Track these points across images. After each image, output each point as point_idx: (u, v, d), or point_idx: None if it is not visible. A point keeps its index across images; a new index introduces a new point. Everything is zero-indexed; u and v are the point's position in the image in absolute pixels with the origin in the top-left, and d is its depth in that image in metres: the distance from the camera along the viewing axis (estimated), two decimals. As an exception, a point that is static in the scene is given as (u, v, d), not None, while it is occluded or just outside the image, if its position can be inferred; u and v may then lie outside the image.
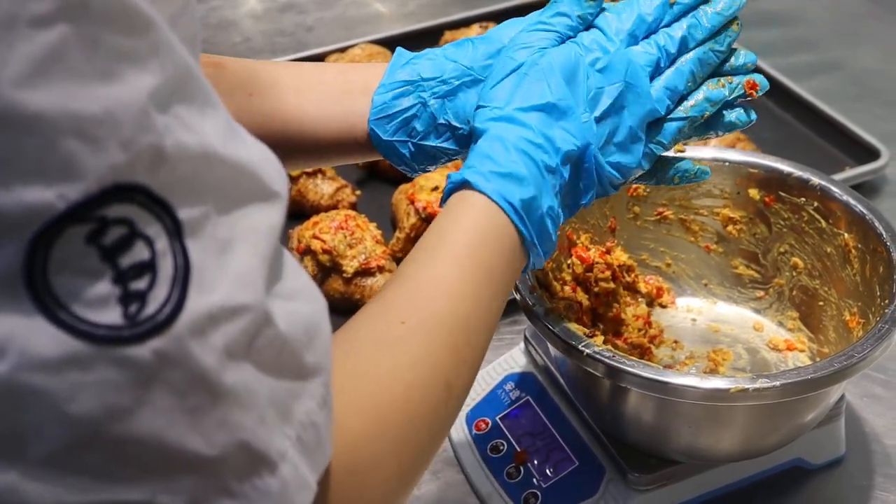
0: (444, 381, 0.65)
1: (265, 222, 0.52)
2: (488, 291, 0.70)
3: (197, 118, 0.49)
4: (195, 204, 0.48)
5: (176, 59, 0.48)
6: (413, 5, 1.83)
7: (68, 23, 0.43)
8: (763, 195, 1.04)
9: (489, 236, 0.71)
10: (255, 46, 1.69)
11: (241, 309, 0.49)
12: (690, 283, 1.10)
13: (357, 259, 1.18)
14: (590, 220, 1.05)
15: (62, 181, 0.44)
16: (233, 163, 0.50)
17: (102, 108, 0.44)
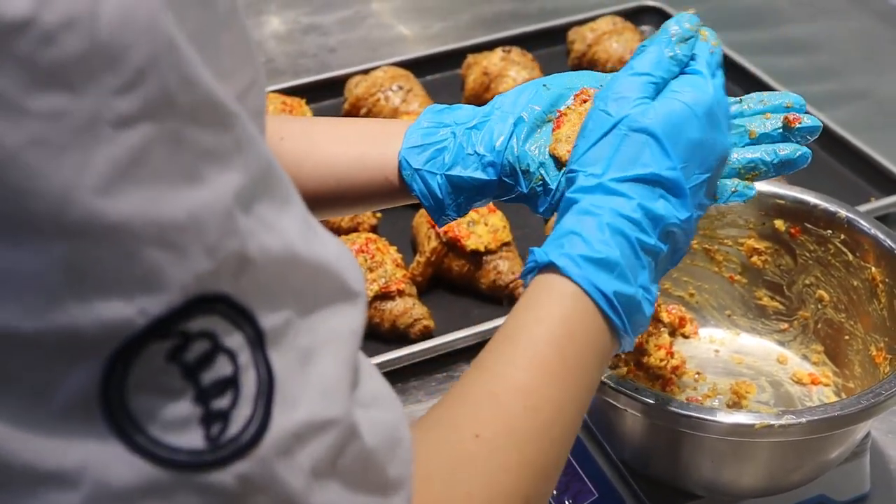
0: (523, 497, 0.60)
1: (347, 326, 0.49)
2: (573, 393, 0.64)
3: (278, 216, 0.46)
4: (277, 310, 0.45)
5: (258, 152, 0.45)
6: (436, 28, 1.82)
7: (152, 122, 0.40)
8: (789, 226, 1.03)
9: (578, 331, 0.64)
10: (279, 67, 1.69)
11: (327, 424, 0.46)
12: (714, 313, 1.09)
13: (377, 283, 1.17)
14: (613, 248, 1.04)
15: (143, 294, 0.41)
16: (314, 263, 0.48)
17: (187, 212, 0.41)
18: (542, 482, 0.61)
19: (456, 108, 0.83)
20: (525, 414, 0.60)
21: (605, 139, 0.68)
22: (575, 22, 1.70)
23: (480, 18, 1.85)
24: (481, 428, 0.59)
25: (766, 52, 1.72)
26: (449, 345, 1.15)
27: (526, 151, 0.78)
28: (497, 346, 0.64)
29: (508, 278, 1.22)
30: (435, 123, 0.81)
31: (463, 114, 0.82)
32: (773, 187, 1.04)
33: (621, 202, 0.66)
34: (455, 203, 0.81)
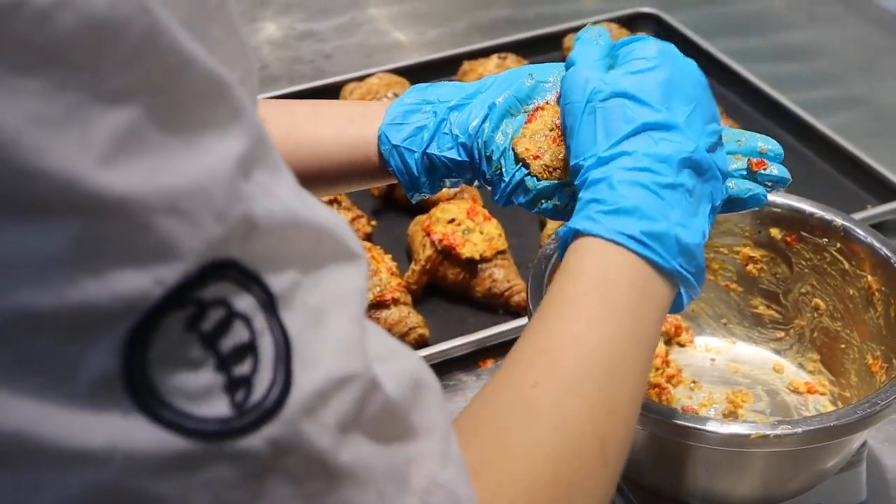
0: (596, 440, 0.59)
1: (352, 284, 0.49)
2: (629, 334, 0.64)
3: (274, 182, 0.46)
4: (284, 272, 0.45)
5: (253, 122, 0.46)
6: (432, 34, 1.82)
7: (149, 94, 0.41)
8: (785, 235, 1.03)
9: (616, 276, 0.64)
10: (274, 73, 1.69)
11: (348, 379, 0.47)
12: (709, 322, 1.08)
13: (372, 291, 1.16)
14: (608, 256, 1.04)
15: (158, 264, 0.41)
16: (315, 225, 0.48)
17: (192, 180, 0.41)
18: (616, 424, 0.61)
19: (440, 86, 0.84)
20: (579, 361, 0.61)
21: (583, 125, 0.71)
22: (571, 28, 1.70)
23: (476, 25, 1.84)
24: (538, 376, 0.59)
25: (763, 58, 1.71)
26: (444, 353, 1.14)
27: (493, 138, 0.79)
28: (541, 313, 0.65)
29: (504, 286, 1.21)
30: (418, 101, 0.82)
31: (446, 91, 0.82)
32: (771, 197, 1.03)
33: (625, 160, 0.68)
34: (430, 181, 0.82)
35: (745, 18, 1.85)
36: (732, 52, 1.65)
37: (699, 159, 0.69)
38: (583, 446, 0.58)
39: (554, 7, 1.90)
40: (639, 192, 0.66)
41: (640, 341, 0.65)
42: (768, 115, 1.54)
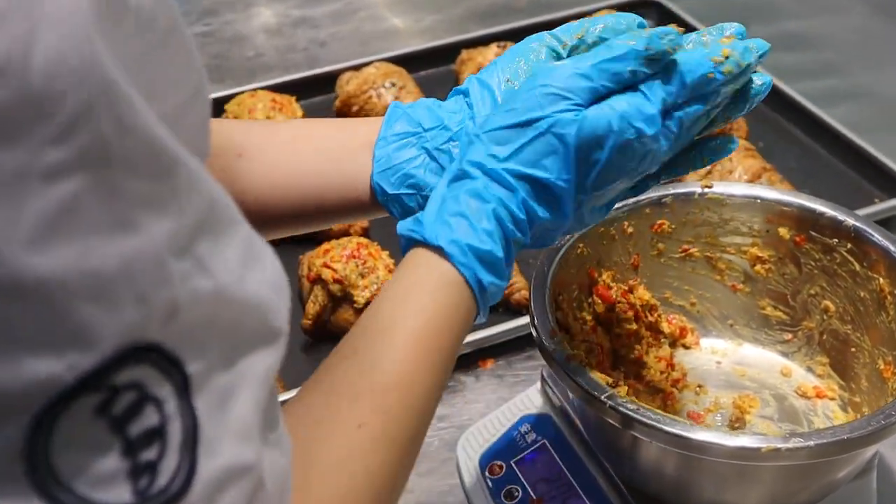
0: (391, 483, 0.62)
1: (264, 365, 0.49)
2: (443, 377, 0.67)
3: (215, 253, 0.45)
4: (203, 354, 0.44)
5: (201, 191, 0.44)
6: (429, 21, 1.79)
7: (86, 171, 0.38)
8: (793, 234, 1.00)
9: (456, 321, 0.67)
10: (268, 62, 1.65)
11: (244, 470, 0.46)
12: (715, 323, 1.06)
13: (369, 289, 1.14)
14: (613, 256, 1.01)
15: (73, 349, 0.39)
16: (243, 302, 0.47)
17: (119, 262, 0.40)
18: (411, 456, 0.64)
19: (418, 106, 0.78)
20: (401, 404, 0.62)
21: (523, 128, 0.68)
22: (571, 16, 1.66)
23: (474, 11, 1.81)
24: (364, 420, 0.60)
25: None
26: (442, 354, 1.12)
27: None
28: (376, 333, 0.64)
29: (503, 284, 1.18)
30: (403, 132, 0.77)
31: (428, 117, 0.77)
32: (777, 194, 1.01)
33: (510, 196, 0.68)
34: None
35: (747, 6, 1.81)
36: (735, 40, 1.62)
37: (557, 231, 0.71)
38: (383, 493, 0.60)
39: (553, -6, 1.86)
40: (502, 239, 0.67)
41: (447, 378, 0.68)
42: (773, 107, 1.51)
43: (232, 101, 1.41)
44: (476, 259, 0.66)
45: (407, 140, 0.77)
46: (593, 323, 0.98)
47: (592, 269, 0.99)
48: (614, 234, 1.00)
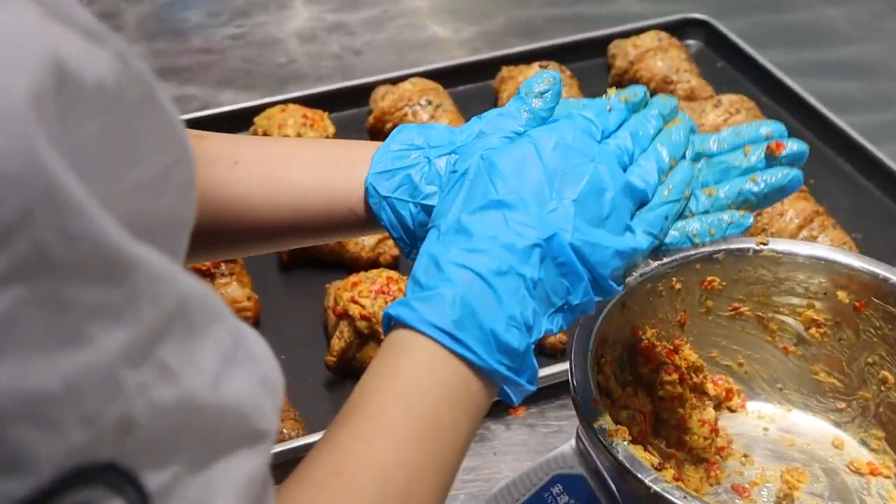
0: None
1: (245, 471, 0.45)
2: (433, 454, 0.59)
3: (185, 354, 0.42)
4: (166, 467, 0.41)
5: (166, 292, 0.41)
6: (468, 32, 1.73)
7: (23, 283, 0.35)
8: (853, 299, 0.94)
9: (428, 385, 0.60)
10: (300, 70, 1.60)
11: None
12: (764, 386, 1.00)
13: (397, 329, 1.08)
14: (658, 313, 0.95)
15: (7, 477, 0.35)
16: (218, 407, 0.43)
17: (63, 381, 0.36)
18: None
19: (429, 128, 0.75)
20: (374, 487, 0.56)
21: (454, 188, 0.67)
22: (616, 34, 1.60)
23: (515, 23, 1.75)
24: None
25: (818, 74, 1.61)
26: (472, 401, 1.06)
27: None
28: (343, 419, 0.60)
29: (539, 326, 1.13)
30: (406, 146, 0.74)
31: (437, 135, 0.74)
32: (839, 255, 0.94)
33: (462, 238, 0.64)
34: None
35: (799, 28, 1.74)
36: (784, 65, 1.55)
37: (553, 250, 0.64)
38: None
39: (594, 8, 1.80)
40: (463, 276, 0.61)
41: (446, 455, 0.60)
42: (824, 140, 1.44)
43: (262, 114, 1.36)
44: (422, 303, 0.61)
45: (409, 148, 0.74)
46: (635, 384, 0.92)
47: (637, 327, 0.93)
48: (661, 291, 0.94)
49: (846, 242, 1.20)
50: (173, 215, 0.45)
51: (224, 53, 1.65)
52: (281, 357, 1.10)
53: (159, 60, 1.63)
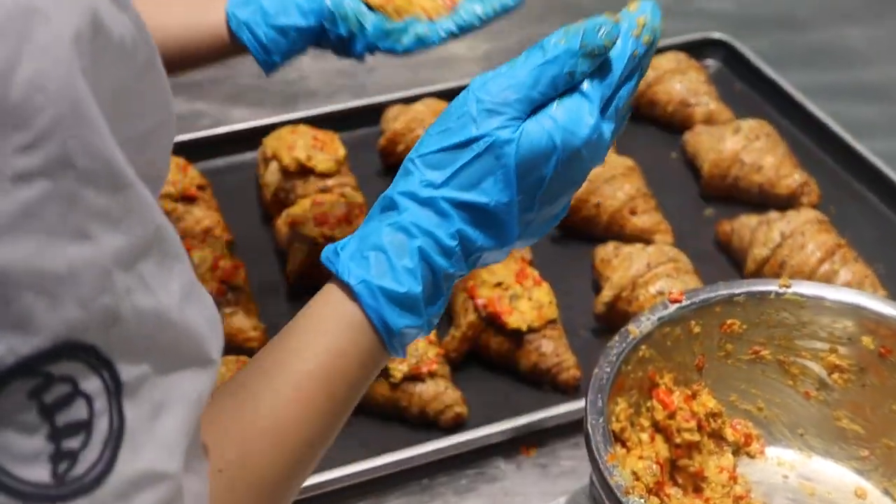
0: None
1: (197, 390, 0.53)
2: (327, 425, 0.65)
3: (160, 277, 0.50)
4: (138, 364, 0.49)
5: (148, 218, 0.49)
6: (484, 49, 1.70)
7: (50, 180, 0.43)
8: (879, 345, 0.91)
9: (354, 365, 0.65)
10: (311, 87, 1.57)
11: (162, 477, 0.50)
12: (784, 431, 0.97)
13: (407, 362, 1.05)
14: (675, 357, 0.92)
15: (15, 335, 0.43)
16: (181, 328, 0.52)
17: (68, 266, 0.44)
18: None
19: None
20: (270, 452, 0.62)
21: (458, 149, 0.65)
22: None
23: (531, 40, 1.69)
24: (223, 466, 0.60)
25: (838, 96, 1.58)
26: (482, 440, 1.03)
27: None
28: (265, 371, 0.64)
29: (552, 361, 1.10)
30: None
31: None
32: (866, 300, 0.91)
33: (444, 226, 0.65)
34: (280, 51, 0.95)
35: (820, 49, 1.71)
36: (805, 86, 1.52)
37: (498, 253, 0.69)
38: None
39: (614, 24, 1.77)
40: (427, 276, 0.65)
41: (339, 424, 0.67)
42: (845, 166, 1.41)
43: (271, 134, 1.33)
44: (388, 301, 0.64)
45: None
46: (652, 430, 0.89)
47: (654, 372, 0.90)
48: (679, 335, 0.91)
49: (868, 276, 1.17)
50: (151, 172, 0.52)
51: (235, 68, 1.61)
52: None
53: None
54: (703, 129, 1.39)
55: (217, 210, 1.29)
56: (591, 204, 1.26)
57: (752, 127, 1.34)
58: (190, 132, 1.44)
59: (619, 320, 1.15)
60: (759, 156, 1.32)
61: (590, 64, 0.64)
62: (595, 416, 0.81)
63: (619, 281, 1.14)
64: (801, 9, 1.80)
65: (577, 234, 1.29)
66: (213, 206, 1.28)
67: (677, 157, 1.44)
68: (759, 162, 1.31)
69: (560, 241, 1.30)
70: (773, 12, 1.80)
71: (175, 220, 1.25)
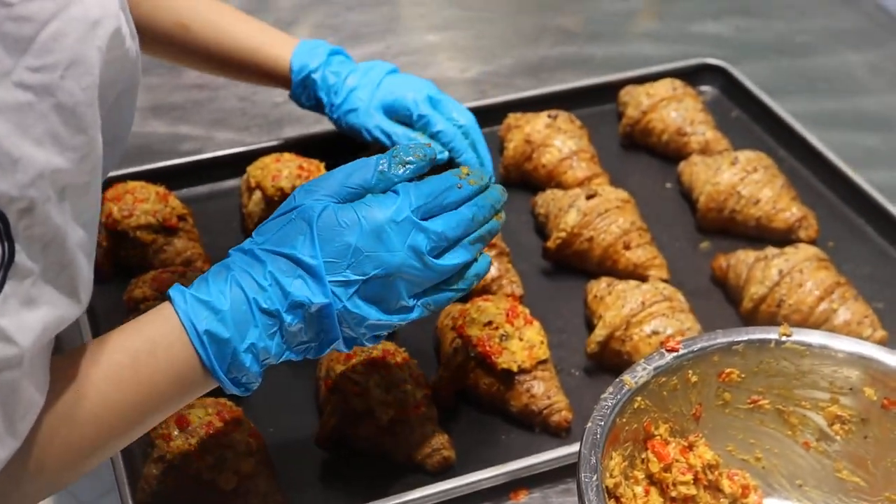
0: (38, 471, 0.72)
1: (60, 313, 0.68)
2: (135, 400, 0.76)
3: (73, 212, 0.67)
4: (31, 258, 0.63)
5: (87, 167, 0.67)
6: (475, 71, 1.66)
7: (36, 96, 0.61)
8: (882, 396, 0.87)
9: (160, 352, 0.76)
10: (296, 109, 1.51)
11: (10, 340, 0.63)
12: (783, 482, 0.93)
13: (393, 407, 1.02)
14: (672, 407, 0.89)
15: None
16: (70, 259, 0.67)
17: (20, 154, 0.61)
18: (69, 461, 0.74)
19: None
20: (77, 402, 0.73)
21: (280, 217, 0.81)
22: (628, 80, 1.53)
23: (524, 63, 1.69)
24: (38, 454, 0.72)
25: (837, 125, 1.55)
26: (471, 486, 1.00)
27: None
28: (95, 345, 0.76)
29: (543, 403, 1.06)
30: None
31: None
32: (870, 350, 0.88)
33: (259, 268, 0.78)
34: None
35: (818, 76, 1.68)
36: (803, 114, 1.48)
37: (327, 318, 0.78)
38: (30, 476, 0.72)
39: (606, 48, 1.74)
40: (238, 299, 0.77)
41: (146, 409, 0.77)
42: (843, 199, 1.37)
43: (255, 163, 1.29)
44: (197, 304, 0.76)
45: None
46: (646, 484, 0.86)
47: (649, 423, 0.87)
48: (676, 384, 0.88)
49: (868, 316, 1.13)
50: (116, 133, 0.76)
51: (218, 91, 1.58)
52: (269, 430, 1.05)
53: (152, 96, 1.56)
54: (698, 160, 1.36)
55: (198, 240, 1.25)
56: (584, 238, 1.22)
57: (750, 159, 1.31)
58: (172, 157, 1.40)
59: (612, 360, 1.11)
60: (757, 189, 1.28)
61: (402, 172, 0.82)
62: (588, 474, 0.78)
63: (612, 320, 1.10)
64: (800, 35, 1.77)
65: (570, 268, 1.26)
66: (194, 236, 1.25)
67: (672, 186, 1.40)
68: (756, 195, 1.28)
69: (552, 275, 1.26)
70: (771, 38, 1.77)
71: (155, 252, 1.21)
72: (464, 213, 0.82)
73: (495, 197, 0.85)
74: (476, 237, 0.83)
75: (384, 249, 0.78)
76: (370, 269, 0.78)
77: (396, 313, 0.81)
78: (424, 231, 0.79)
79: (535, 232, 1.33)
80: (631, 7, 1.88)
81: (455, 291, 0.83)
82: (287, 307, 0.77)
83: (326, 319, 0.78)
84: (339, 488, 1.02)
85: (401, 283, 0.79)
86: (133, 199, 1.22)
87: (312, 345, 0.81)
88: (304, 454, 1.05)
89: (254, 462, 0.98)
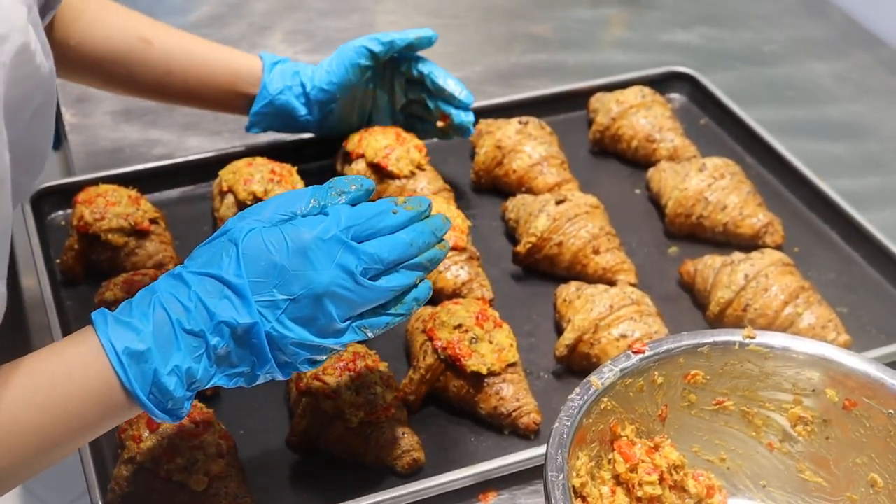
0: None
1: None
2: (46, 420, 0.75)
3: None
4: None
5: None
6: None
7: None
8: (844, 398, 0.89)
9: (76, 373, 0.76)
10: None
11: None
12: (747, 482, 0.95)
13: (363, 409, 1.02)
14: (638, 408, 0.90)
15: None
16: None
17: None
18: None
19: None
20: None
21: (212, 242, 0.81)
22: (598, 87, 1.55)
23: (495, 70, 1.70)
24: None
25: (803, 132, 1.57)
26: (440, 487, 1.01)
27: None
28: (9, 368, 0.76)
29: (512, 406, 1.07)
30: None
31: None
32: (832, 352, 0.90)
33: (183, 290, 0.78)
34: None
35: (786, 84, 1.70)
36: (770, 121, 1.50)
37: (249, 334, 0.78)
38: None
39: (577, 56, 1.75)
40: (161, 322, 0.77)
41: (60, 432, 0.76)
42: (809, 206, 1.39)
43: (227, 167, 1.30)
44: (117, 325, 0.77)
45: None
46: (612, 484, 0.87)
47: (616, 424, 0.88)
48: (642, 386, 0.89)
49: (832, 320, 1.15)
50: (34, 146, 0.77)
51: (192, 95, 1.58)
52: (240, 433, 1.05)
53: (125, 100, 1.56)
54: (667, 166, 1.38)
55: (170, 243, 1.26)
56: (553, 242, 1.23)
57: (717, 165, 1.33)
58: (144, 161, 1.41)
59: (581, 363, 1.13)
60: (724, 195, 1.30)
61: (337, 200, 0.83)
62: (555, 473, 0.79)
63: (581, 324, 1.12)
64: (767, 44, 1.80)
65: (540, 272, 1.27)
66: (166, 239, 1.25)
67: (641, 192, 1.42)
68: (723, 201, 1.30)
69: (522, 279, 1.28)
70: (739, 47, 1.79)
71: (126, 255, 1.22)
72: (400, 238, 0.81)
73: (437, 224, 0.85)
74: (415, 263, 0.82)
75: (311, 268, 0.78)
76: (297, 289, 0.77)
77: (330, 336, 0.80)
78: (354, 251, 0.79)
79: (506, 236, 1.34)
80: (601, 15, 1.90)
81: (393, 316, 0.83)
82: (213, 328, 0.77)
83: (255, 340, 0.78)
84: (310, 490, 1.03)
85: (330, 304, 0.78)
86: (105, 203, 1.23)
87: (244, 369, 0.80)
88: (275, 456, 1.05)
89: (224, 464, 0.98)
